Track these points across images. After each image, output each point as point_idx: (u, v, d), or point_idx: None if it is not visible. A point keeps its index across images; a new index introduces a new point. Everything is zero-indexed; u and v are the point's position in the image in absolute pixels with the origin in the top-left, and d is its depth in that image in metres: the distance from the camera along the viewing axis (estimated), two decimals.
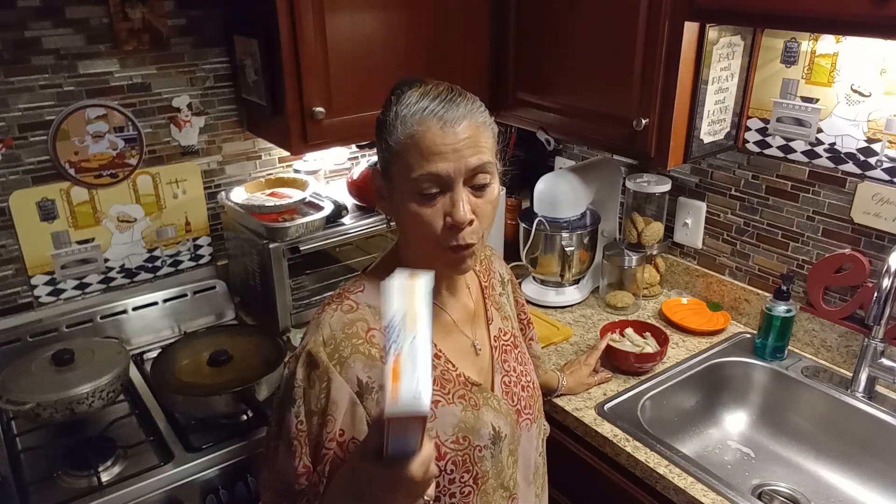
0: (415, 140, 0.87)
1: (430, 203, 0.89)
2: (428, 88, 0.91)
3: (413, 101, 0.89)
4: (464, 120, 0.88)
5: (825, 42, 1.48)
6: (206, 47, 1.74)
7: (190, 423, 1.45)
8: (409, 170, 0.88)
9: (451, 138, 0.87)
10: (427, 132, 0.87)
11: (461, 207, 0.88)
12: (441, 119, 0.87)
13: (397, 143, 0.89)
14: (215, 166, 1.85)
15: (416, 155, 0.87)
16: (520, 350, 1.13)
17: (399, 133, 0.89)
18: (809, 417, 1.55)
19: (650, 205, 1.88)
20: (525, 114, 1.80)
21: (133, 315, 1.75)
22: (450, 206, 0.88)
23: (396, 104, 0.90)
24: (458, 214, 0.88)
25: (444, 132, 0.87)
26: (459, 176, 0.88)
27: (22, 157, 1.58)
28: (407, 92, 0.91)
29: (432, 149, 0.86)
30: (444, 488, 0.95)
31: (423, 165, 0.87)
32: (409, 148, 0.88)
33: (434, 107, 0.88)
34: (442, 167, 0.87)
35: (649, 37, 1.43)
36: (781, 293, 1.57)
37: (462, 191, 0.89)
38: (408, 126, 0.88)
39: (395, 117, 0.90)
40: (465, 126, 0.88)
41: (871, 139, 1.45)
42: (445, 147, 0.87)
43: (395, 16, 1.61)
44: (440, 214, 0.89)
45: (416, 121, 0.88)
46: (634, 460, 1.34)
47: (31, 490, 1.29)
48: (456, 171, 0.87)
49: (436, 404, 0.96)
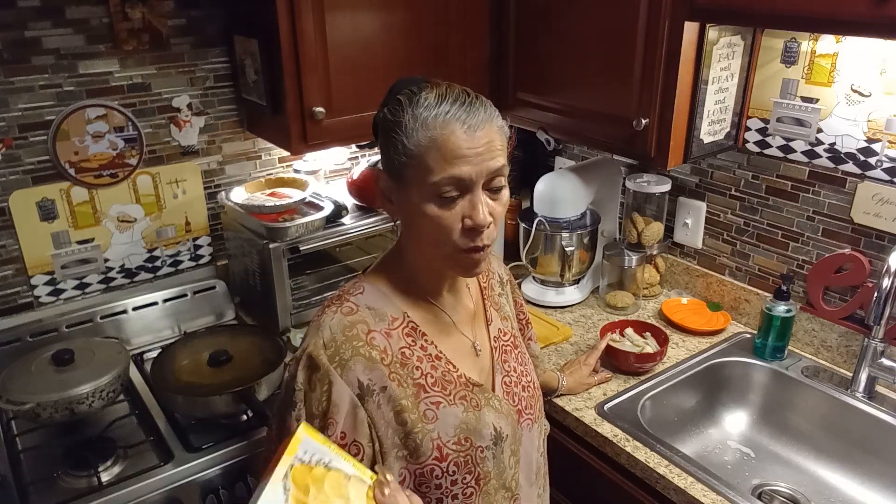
0: (437, 143, 0.87)
1: (449, 206, 0.89)
2: (443, 90, 0.90)
3: (432, 103, 0.89)
4: (485, 124, 0.89)
5: (825, 42, 1.48)
6: (206, 47, 1.74)
7: (190, 423, 1.44)
8: (428, 172, 0.88)
9: (474, 142, 0.88)
10: (451, 136, 0.87)
11: (481, 210, 0.89)
12: (465, 123, 0.88)
13: (417, 145, 0.88)
14: (215, 166, 1.85)
15: (438, 158, 0.87)
16: (520, 350, 1.13)
17: (419, 136, 0.88)
18: (809, 417, 1.55)
19: (650, 205, 1.88)
20: (525, 114, 1.80)
21: (133, 315, 1.75)
22: (469, 209, 0.89)
23: (411, 106, 0.90)
24: (479, 217, 0.89)
25: (468, 136, 0.87)
26: (480, 179, 0.89)
27: (22, 157, 1.58)
28: (422, 94, 0.90)
29: (456, 152, 0.87)
30: (447, 489, 0.95)
31: (446, 169, 0.87)
32: (429, 151, 0.88)
33: (456, 111, 0.88)
34: (465, 171, 0.87)
35: (649, 37, 1.43)
36: (781, 293, 1.57)
37: (481, 194, 0.90)
38: (430, 129, 0.88)
39: (413, 119, 0.89)
40: (486, 130, 0.89)
41: (871, 139, 1.45)
42: (469, 151, 0.87)
43: (395, 16, 1.61)
44: (458, 217, 0.90)
45: (439, 124, 0.88)
46: (634, 460, 1.34)
47: (31, 490, 1.29)
48: (478, 174, 0.88)
49: (437, 405, 0.96)
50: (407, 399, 0.94)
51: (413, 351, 0.97)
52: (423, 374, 0.96)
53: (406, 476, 0.94)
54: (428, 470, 0.94)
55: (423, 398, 0.95)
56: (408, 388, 0.94)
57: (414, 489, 0.94)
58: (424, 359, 0.97)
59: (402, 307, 0.99)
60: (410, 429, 0.93)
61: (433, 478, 0.94)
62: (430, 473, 0.94)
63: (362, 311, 0.96)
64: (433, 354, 0.99)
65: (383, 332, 0.96)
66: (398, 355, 0.95)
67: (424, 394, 0.95)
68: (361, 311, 0.96)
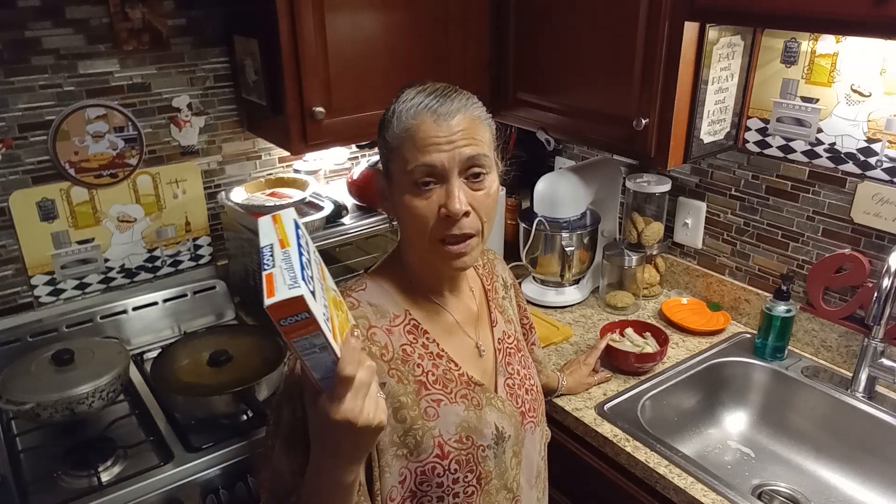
0: (410, 133, 0.90)
1: (425, 195, 0.90)
2: (425, 86, 0.93)
3: (409, 97, 0.92)
4: (458, 113, 0.90)
5: (825, 42, 1.48)
6: (206, 47, 1.74)
7: (190, 423, 1.44)
8: (405, 163, 0.90)
9: (444, 130, 0.89)
10: (422, 125, 0.89)
11: (456, 198, 0.89)
12: (435, 112, 0.90)
13: (394, 138, 0.92)
14: (215, 166, 1.85)
15: (412, 147, 0.90)
16: (523, 354, 1.13)
17: (395, 128, 0.92)
18: (809, 417, 1.55)
19: (650, 205, 1.88)
20: (525, 114, 1.80)
21: (133, 315, 1.75)
22: (444, 197, 0.90)
23: (395, 103, 0.93)
24: (454, 205, 0.89)
25: (437, 125, 0.89)
26: (454, 166, 0.90)
27: (22, 157, 1.58)
28: (406, 91, 0.94)
29: (426, 140, 0.89)
30: (448, 488, 0.95)
31: (418, 157, 0.89)
32: (404, 142, 0.90)
33: (428, 101, 0.91)
34: (436, 157, 0.89)
35: (649, 37, 1.43)
36: (781, 293, 1.57)
37: (457, 182, 0.90)
38: (403, 121, 0.91)
39: (393, 114, 0.93)
40: (460, 119, 0.90)
41: (871, 139, 1.45)
42: (439, 139, 0.89)
43: (396, 16, 1.61)
44: (435, 206, 0.90)
45: (411, 115, 0.90)
46: (634, 460, 1.34)
47: (31, 490, 1.29)
48: (450, 160, 0.89)
49: (438, 403, 0.96)
50: (406, 396, 0.94)
51: (414, 348, 0.97)
52: (425, 372, 0.97)
53: (407, 475, 0.94)
54: (430, 468, 0.94)
55: (423, 395, 0.95)
56: (408, 385, 0.95)
57: (415, 488, 0.95)
58: (426, 356, 0.98)
59: (405, 305, 0.99)
60: (410, 426, 0.93)
61: (435, 476, 0.94)
62: (431, 471, 0.94)
63: (364, 307, 0.96)
64: (434, 352, 0.99)
65: (384, 328, 0.96)
66: (399, 352, 0.96)
67: (425, 391, 0.96)
68: (363, 306, 0.96)
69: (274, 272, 0.72)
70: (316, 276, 0.76)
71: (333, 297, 0.80)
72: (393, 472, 0.93)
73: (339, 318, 0.78)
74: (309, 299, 0.68)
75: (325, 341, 0.71)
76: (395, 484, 0.93)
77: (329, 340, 0.72)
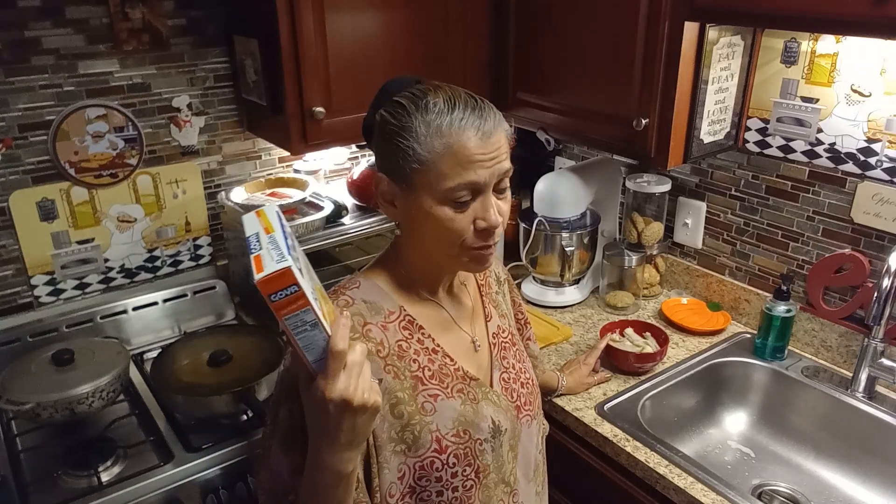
0: (453, 150, 0.88)
1: (462, 209, 0.91)
2: (448, 95, 0.91)
3: (443, 108, 0.89)
4: (498, 129, 0.91)
5: (825, 42, 1.48)
6: (206, 47, 1.74)
7: (190, 423, 1.45)
8: (443, 178, 0.89)
9: (488, 147, 0.89)
10: (468, 142, 0.88)
11: (493, 212, 0.91)
12: (479, 129, 0.89)
13: (431, 151, 0.88)
14: (215, 166, 1.85)
15: (454, 164, 0.88)
16: (517, 348, 1.14)
17: (433, 142, 0.88)
18: (809, 417, 1.55)
19: (650, 205, 1.88)
20: (525, 114, 1.80)
21: (133, 315, 1.75)
22: (482, 211, 0.91)
23: (419, 111, 0.89)
24: (493, 219, 0.91)
25: (483, 142, 0.89)
26: (493, 181, 0.91)
27: (22, 157, 1.58)
28: (428, 99, 0.90)
29: (472, 157, 0.88)
30: (447, 482, 0.96)
31: (462, 174, 0.88)
32: (444, 157, 0.88)
33: (470, 117, 0.89)
34: (481, 175, 0.89)
35: (649, 37, 1.43)
36: (781, 293, 1.57)
37: (491, 196, 0.92)
38: (444, 136, 0.88)
39: (426, 126, 0.89)
40: (499, 135, 0.91)
41: (871, 139, 1.45)
42: (483, 156, 0.89)
43: (395, 16, 1.61)
44: (470, 219, 0.92)
45: (455, 130, 0.88)
46: (634, 460, 1.34)
47: (31, 490, 1.29)
48: (490, 176, 0.90)
49: (435, 398, 0.96)
50: (403, 391, 0.94)
51: (410, 344, 0.97)
52: (421, 367, 0.97)
53: (405, 471, 0.94)
54: (428, 462, 0.94)
55: (420, 391, 0.96)
56: (405, 381, 0.95)
57: (414, 483, 0.95)
58: (422, 352, 0.98)
59: (399, 301, 1.00)
60: (407, 421, 0.93)
61: (433, 470, 0.95)
62: (430, 466, 0.94)
63: (358, 305, 0.97)
64: (430, 348, 0.99)
65: (379, 325, 0.96)
66: (395, 348, 0.96)
67: (422, 386, 0.96)
68: (357, 304, 0.97)
69: (262, 253, 0.74)
70: (303, 265, 0.78)
71: (320, 289, 0.83)
72: (392, 468, 0.93)
73: (326, 307, 0.80)
74: (296, 273, 0.71)
75: (316, 318, 0.74)
76: (394, 480, 0.94)
77: (319, 317, 0.74)
